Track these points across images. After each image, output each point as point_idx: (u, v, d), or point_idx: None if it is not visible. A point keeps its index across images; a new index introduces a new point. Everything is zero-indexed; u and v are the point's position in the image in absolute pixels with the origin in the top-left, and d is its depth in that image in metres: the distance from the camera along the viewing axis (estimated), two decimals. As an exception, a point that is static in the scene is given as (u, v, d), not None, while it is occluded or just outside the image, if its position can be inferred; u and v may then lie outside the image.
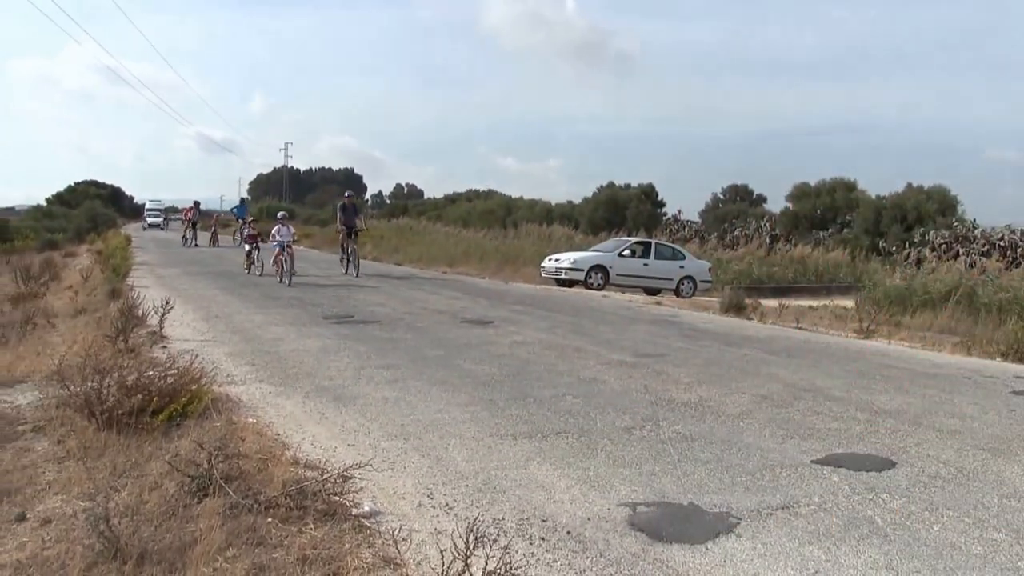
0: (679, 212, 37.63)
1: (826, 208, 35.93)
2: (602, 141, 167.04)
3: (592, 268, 17.85)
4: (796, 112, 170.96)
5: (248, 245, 16.60)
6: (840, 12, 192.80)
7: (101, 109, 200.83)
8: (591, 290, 16.89)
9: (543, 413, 5.05)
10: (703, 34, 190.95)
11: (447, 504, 3.42)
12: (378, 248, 25.84)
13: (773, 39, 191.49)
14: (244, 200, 32.69)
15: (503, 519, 3.25)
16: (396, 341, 7.87)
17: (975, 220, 28.31)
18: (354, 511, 3.25)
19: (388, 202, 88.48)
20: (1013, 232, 25.27)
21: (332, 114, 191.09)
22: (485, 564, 2.55)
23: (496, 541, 2.92)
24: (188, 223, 28.70)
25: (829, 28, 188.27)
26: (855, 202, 34.94)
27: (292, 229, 15.21)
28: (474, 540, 2.55)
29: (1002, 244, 24.68)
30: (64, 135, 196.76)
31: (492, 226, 36.58)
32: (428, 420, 4.80)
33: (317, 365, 6.48)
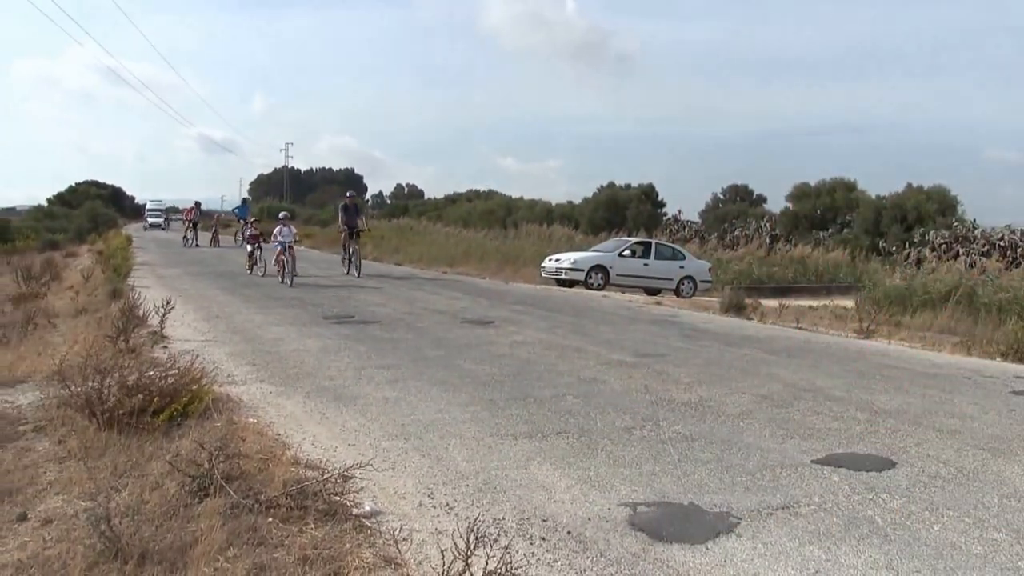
0: (679, 212, 37.71)
1: (826, 208, 35.96)
2: (602, 141, 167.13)
3: (592, 268, 17.85)
4: (796, 112, 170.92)
5: (250, 246, 16.60)
6: (840, 12, 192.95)
7: (102, 109, 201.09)
8: (591, 290, 16.89)
9: (543, 413, 5.05)
10: (703, 34, 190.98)
11: (448, 504, 3.42)
12: (379, 248, 25.83)
13: (773, 39, 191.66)
14: (246, 200, 32.70)
15: (504, 519, 3.25)
16: (397, 341, 7.87)
17: (975, 220, 28.36)
18: (355, 511, 3.26)
19: (389, 202, 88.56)
20: (1013, 232, 25.29)
21: (332, 114, 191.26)
22: (486, 564, 2.55)
23: (497, 541, 2.93)
24: (189, 223, 28.69)
25: (829, 28, 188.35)
26: (855, 202, 34.97)
27: (294, 229, 15.17)
28: (475, 540, 2.55)
29: (1002, 244, 24.70)
30: (65, 135, 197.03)
31: (492, 226, 36.59)
32: (428, 420, 4.80)
33: (318, 365, 6.48)
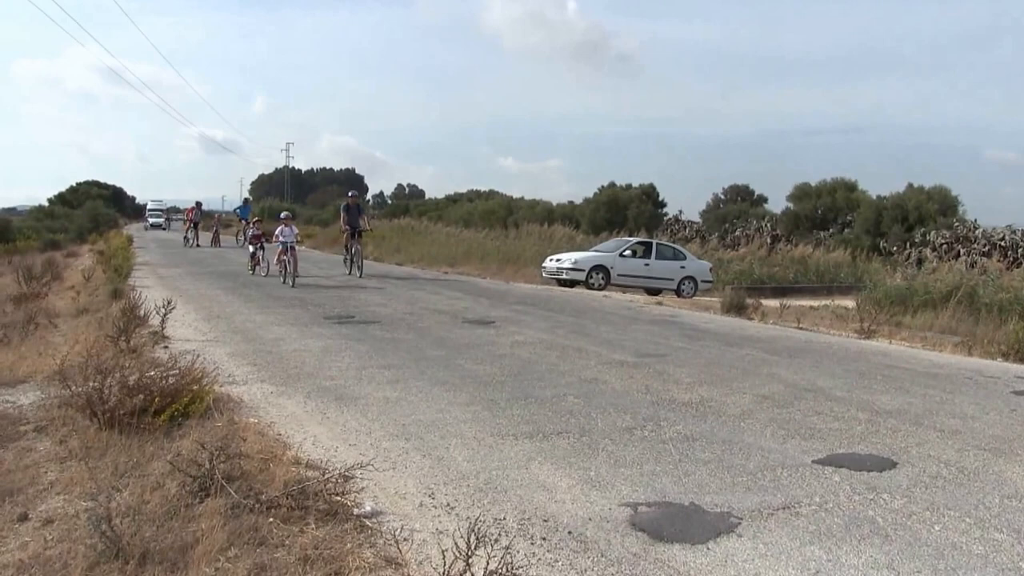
0: (680, 212, 37.71)
1: (827, 208, 36.01)
2: (603, 141, 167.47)
3: (593, 268, 17.85)
4: (796, 112, 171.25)
5: (252, 246, 16.57)
6: (841, 12, 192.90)
7: (103, 110, 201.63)
8: (592, 290, 16.89)
9: (544, 413, 5.05)
10: (704, 34, 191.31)
11: (448, 504, 3.42)
12: (379, 248, 25.83)
13: (774, 39, 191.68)
14: (247, 200, 32.75)
15: (504, 519, 3.25)
16: (398, 341, 7.87)
17: (976, 220, 28.38)
18: (355, 511, 3.26)
19: (389, 202, 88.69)
20: (1014, 232, 25.32)
21: (333, 114, 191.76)
22: (486, 564, 2.55)
23: (497, 541, 2.92)
24: (190, 223, 28.74)
25: (830, 28, 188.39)
26: (856, 202, 35.02)
27: (295, 230, 15.06)
28: (475, 540, 2.55)
29: (1003, 244, 24.72)
30: (66, 136, 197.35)
31: (493, 226, 36.55)
32: (429, 420, 4.80)
33: (319, 365, 6.48)
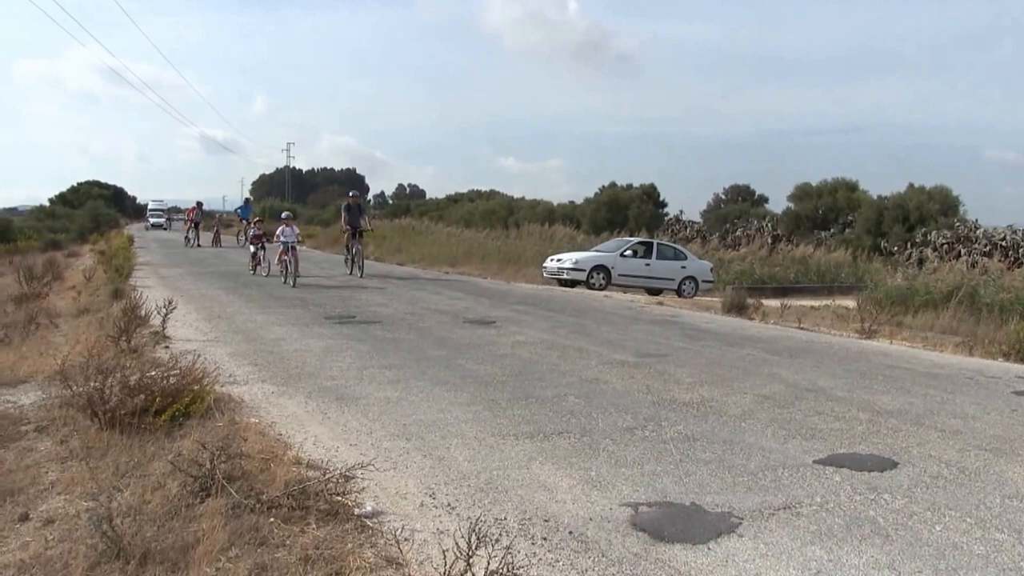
0: (681, 212, 37.71)
1: (828, 208, 35.99)
2: (603, 141, 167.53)
3: (594, 268, 17.85)
4: (797, 112, 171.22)
5: (254, 246, 16.56)
6: (841, 12, 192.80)
7: (104, 110, 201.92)
8: (593, 290, 16.89)
9: (545, 413, 5.05)
10: (705, 34, 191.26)
11: (449, 504, 3.42)
12: (380, 248, 25.84)
13: (775, 39, 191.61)
14: (248, 201, 32.74)
15: (505, 519, 3.25)
16: (398, 341, 7.87)
17: (977, 220, 28.37)
18: (356, 511, 3.26)
19: (390, 202, 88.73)
20: (1015, 232, 25.30)
21: (333, 114, 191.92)
22: (487, 564, 2.55)
23: (498, 541, 2.92)
24: (191, 223, 28.75)
25: (830, 28, 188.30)
26: (856, 202, 34.99)
27: (296, 230, 15.01)
28: (476, 540, 2.55)
29: (1004, 244, 24.71)
30: (67, 136, 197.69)
31: (494, 226, 36.54)
32: (430, 420, 4.80)
33: (319, 365, 6.48)
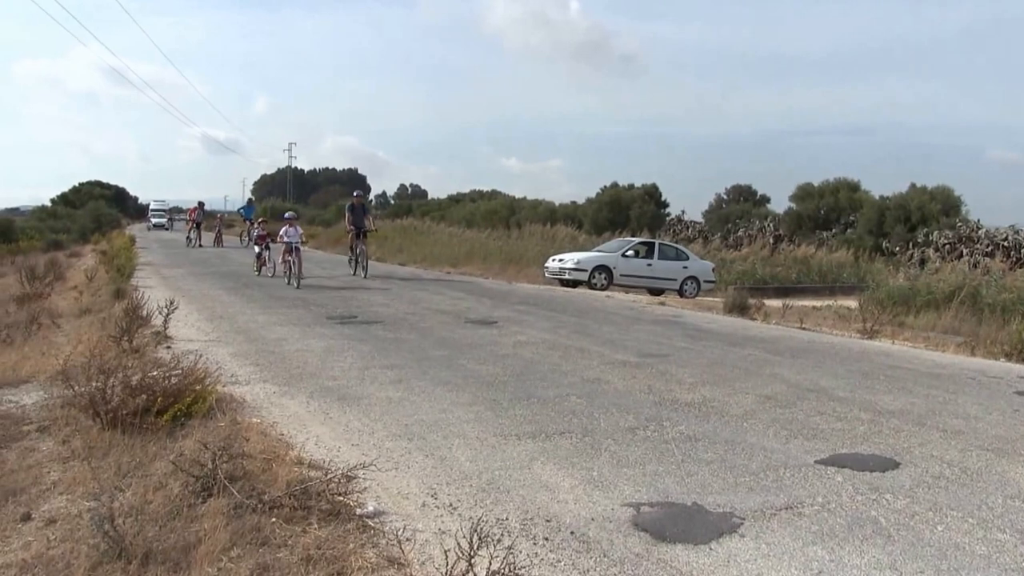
0: (682, 213, 37.69)
1: (829, 208, 35.94)
2: (605, 141, 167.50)
3: (596, 268, 17.85)
4: (798, 112, 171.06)
5: (258, 247, 16.54)
6: (842, 12, 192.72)
7: (105, 110, 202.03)
8: (595, 290, 16.89)
9: (547, 413, 5.05)
10: (706, 34, 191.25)
11: (451, 504, 3.42)
12: (382, 248, 25.86)
13: (775, 39, 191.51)
14: (251, 201, 32.76)
15: (507, 519, 3.25)
16: (400, 341, 7.88)
17: (979, 220, 28.33)
18: (358, 511, 3.26)
19: (392, 202, 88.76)
20: (1017, 232, 25.29)
21: (335, 114, 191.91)
22: (489, 564, 2.55)
23: (500, 541, 2.93)
24: (192, 223, 28.78)
25: (831, 28, 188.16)
26: (858, 202, 34.95)
27: (300, 230, 14.91)
28: (478, 540, 2.55)
29: (1006, 244, 24.70)
30: (69, 136, 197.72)
31: (496, 226, 36.51)
32: (432, 420, 4.80)
33: (321, 365, 6.49)
